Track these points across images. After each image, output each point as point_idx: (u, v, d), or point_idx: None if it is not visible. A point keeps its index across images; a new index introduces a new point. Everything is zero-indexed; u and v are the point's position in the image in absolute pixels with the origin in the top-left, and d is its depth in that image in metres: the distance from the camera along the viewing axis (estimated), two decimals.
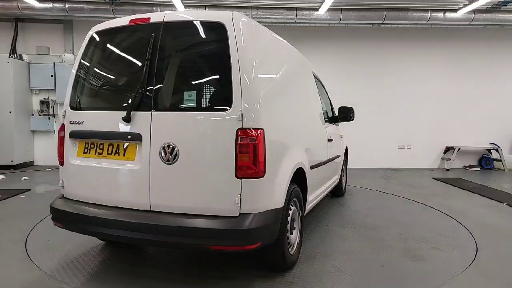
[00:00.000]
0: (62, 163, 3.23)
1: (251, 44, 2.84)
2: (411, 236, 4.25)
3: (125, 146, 2.92)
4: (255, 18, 8.50)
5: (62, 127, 3.25)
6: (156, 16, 2.97)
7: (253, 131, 2.63)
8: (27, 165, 9.30)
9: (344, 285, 3.02)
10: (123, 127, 2.88)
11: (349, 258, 3.58)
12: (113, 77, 3.24)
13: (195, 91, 2.86)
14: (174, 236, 2.66)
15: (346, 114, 5.22)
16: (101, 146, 3.02)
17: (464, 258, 3.61)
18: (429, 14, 8.55)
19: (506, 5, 8.30)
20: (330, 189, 5.19)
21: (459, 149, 9.59)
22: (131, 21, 3.08)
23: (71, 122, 3.17)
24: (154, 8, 8.37)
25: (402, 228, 4.56)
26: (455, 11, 8.53)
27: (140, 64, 2.96)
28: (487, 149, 9.89)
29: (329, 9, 8.30)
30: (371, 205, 5.77)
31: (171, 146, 2.71)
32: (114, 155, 2.95)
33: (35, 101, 9.55)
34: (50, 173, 8.52)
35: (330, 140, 4.81)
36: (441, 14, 8.60)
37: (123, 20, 3.15)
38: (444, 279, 3.15)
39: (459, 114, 9.89)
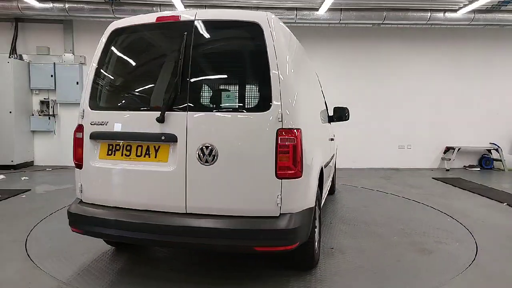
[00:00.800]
0: (80, 166, 3.03)
1: (285, 44, 2.83)
2: (412, 231, 4.37)
3: (156, 147, 2.81)
4: None
5: (80, 128, 3.03)
6: (186, 15, 2.89)
7: (292, 131, 2.64)
8: (27, 165, 9.30)
9: (370, 281, 3.14)
10: (156, 128, 2.75)
11: (364, 254, 3.69)
12: (140, 77, 3.13)
13: (234, 92, 2.90)
14: (217, 238, 2.63)
15: (341, 113, 5.21)
16: (129, 148, 2.87)
17: (466, 255, 3.62)
18: (429, 14, 8.54)
19: (506, 5, 8.29)
20: (329, 187, 5.26)
21: (459, 149, 9.59)
22: (158, 18, 2.93)
23: (93, 123, 2.96)
24: (154, 8, 8.37)
25: (402, 224, 4.64)
26: (455, 11, 8.52)
27: (172, 63, 2.88)
28: (487, 149, 9.89)
29: (329, 9, 8.30)
30: (372, 204, 5.78)
31: (209, 147, 2.67)
32: (144, 156, 2.82)
33: (35, 101, 9.54)
34: (50, 173, 8.52)
35: (331, 139, 4.85)
36: (441, 14, 8.60)
37: (147, 17, 3.03)
38: (456, 269, 3.37)
39: (459, 114, 9.88)
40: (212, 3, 8.35)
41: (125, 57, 3.17)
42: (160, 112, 2.73)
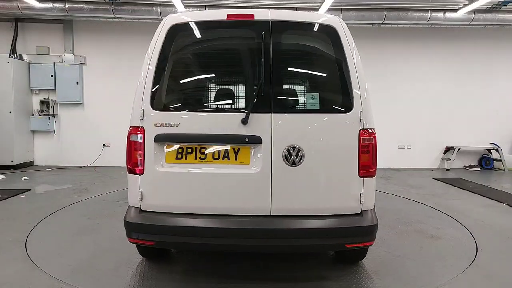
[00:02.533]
0: (141, 172, 2.77)
1: (355, 46, 2.88)
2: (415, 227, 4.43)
3: (236, 149, 2.72)
4: None
5: (139, 130, 2.77)
6: (261, 14, 2.82)
7: (370, 131, 2.78)
8: (27, 165, 9.29)
9: (416, 267, 3.45)
10: (238, 130, 2.67)
11: (389, 244, 3.94)
12: (214, 76, 3.02)
13: (316, 93, 2.88)
14: (308, 238, 2.67)
15: None
16: (203, 150, 2.74)
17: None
18: (429, 14, 8.54)
19: (506, 5, 8.28)
20: None
21: (459, 149, 9.58)
22: (229, 16, 2.83)
23: (158, 125, 2.74)
24: (154, 8, 8.37)
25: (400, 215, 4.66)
26: (455, 11, 8.52)
27: (250, 63, 2.84)
28: (487, 149, 9.88)
29: (329, 9, 8.29)
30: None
31: (296, 148, 2.68)
32: (223, 159, 2.72)
33: (35, 101, 9.53)
34: (50, 173, 8.52)
35: None
36: (441, 14, 8.59)
37: (216, 14, 2.92)
38: (468, 252, 3.77)
39: (459, 114, 9.88)
40: (212, 3, 8.35)
41: (192, 55, 3.01)
42: (245, 114, 2.67)
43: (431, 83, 9.84)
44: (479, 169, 9.83)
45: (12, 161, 8.78)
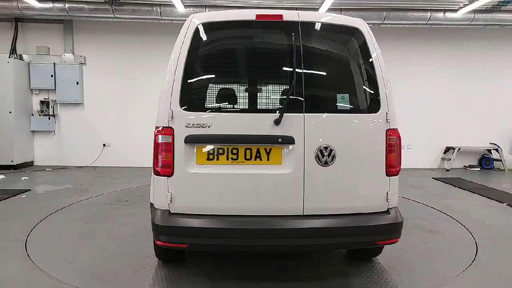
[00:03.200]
0: (170, 173, 2.71)
1: (379, 48, 2.95)
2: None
3: (268, 150, 2.73)
4: None
5: (168, 131, 2.71)
6: (289, 15, 2.85)
7: (396, 131, 2.89)
8: (27, 165, 9.29)
9: (426, 260, 3.61)
10: (271, 130, 2.69)
11: None
12: (244, 76, 3.01)
13: (347, 94, 2.91)
14: (341, 237, 2.73)
15: None
16: (235, 151, 2.72)
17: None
18: (429, 14, 8.54)
19: (506, 5, 8.28)
20: None
21: (459, 149, 9.58)
22: (258, 16, 2.83)
23: (189, 125, 2.70)
24: (154, 8, 8.37)
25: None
26: (455, 11, 8.52)
27: (280, 63, 2.87)
28: (487, 149, 9.88)
29: (329, 9, 8.29)
30: None
31: (328, 148, 2.72)
32: (255, 160, 2.73)
33: (35, 101, 9.53)
34: (50, 173, 8.52)
35: None
36: (441, 14, 8.59)
37: (244, 14, 2.91)
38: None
39: (459, 114, 9.87)
40: (212, 3, 8.35)
41: (221, 55, 2.99)
42: (278, 114, 2.68)
43: (431, 83, 9.84)
44: (479, 169, 9.83)
45: (12, 161, 8.78)
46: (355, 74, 2.99)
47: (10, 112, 8.75)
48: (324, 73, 2.98)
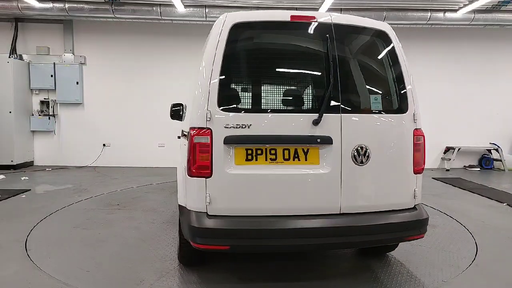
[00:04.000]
0: (208, 175, 2.67)
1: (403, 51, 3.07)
2: None
3: (305, 150, 2.76)
4: None
5: (205, 132, 2.67)
6: (322, 16, 2.90)
7: (421, 131, 3.02)
8: (27, 165, 9.29)
9: (435, 251, 3.81)
10: (309, 130, 2.73)
11: None
12: (281, 76, 3.00)
13: (379, 95, 3.02)
14: (376, 234, 2.80)
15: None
16: (273, 152, 2.73)
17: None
18: (429, 14, 8.54)
19: (506, 5, 8.29)
20: None
21: (459, 149, 9.58)
22: (292, 17, 2.85)
23: (228, 126, 2.67)
24: (154, 8, 8.37)
25: None
26: (455, 11, 8.52)
27: (316, 64, 2.92)
28: (487, 149, 9.89)
29: (329, 9, 8.29)
30: None
31: (364, 148, 2.79)
32: (294, 160, 2.75)
33: (35, 101, 9.53)
34: (50, 173, 8.52)
35: None
36: (441, 14, 8.59)
37: (279, 14, 2.91)
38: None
39: (459, 114, 9.87)
40: (212, 3, 8.35)
41: (258, 55, 2.97)
42: (317, 114, 2.72)
43: (431, 83, 9.83)
44: (479, 169, 9.83)
45: (12, 161, 8.78)
46: (384, 76, 3.08)
47: (10, 112, 8.75)
48: (357, 74, 3.04)
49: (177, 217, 4.75)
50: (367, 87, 3.07)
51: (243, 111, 2.78)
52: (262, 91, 2.97)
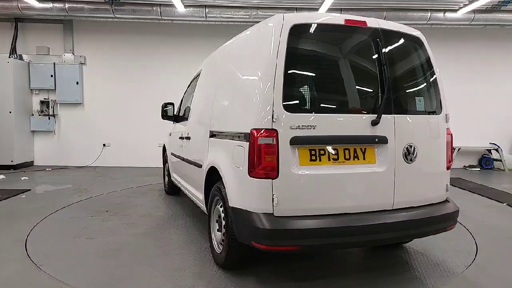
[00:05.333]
0: (274, 176, 2.67)
1: None
2: None
3: (363, 149, 2.89)
4: (255, 18, 8.49)
5: (271, 133, 2.67)
6: (371, 22, 3.04)
7: (450, 130, 3.30)
8: (27, 165, 9.30)
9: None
10: (368, 130, 2.87)
11: None
12: (340, 77, 3.05)
13: (422, 97, 3.23)
14: (424, 227, 3.00)
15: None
16: (335, 152, 2.82)
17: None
18: (429, 14, 8.54)
19: (506, 5, 8.29)
20: None
21: (459, 149, 9.58)
22: (346, 21, 2.96)
23: (294, 127, 2.70)
24: (154, 8, 8.37)
25: None
26: (455, 11, 8.52)
27: (369, 67, 3.04)
28: (487, 149, 9.89)
29: (329, 9, 8.29)
30: None
31: (412, 147, 3.00)
32: (354, 159, 2.86)
33: (35, 101, 9.54)
34: (50, 173, 8.52)
35: None
36: (441, 14, 8.60)
37: (334, 18, 3.02)
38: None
39: (459, 114, 9.80)
40: (212, 3, 8.35)
41: (318, 56, 3.03)
42: (376, 115, 2.88)
43: None
44: (479, 169, 9.83)
45: (12, 161, 8.79)
46: (423, 78, 3.28)
47: (10, 112, 8.76)
48: (403, 77, 3.20)
49: (184, 220, 4.75)
50: (412, 89, 3.25)
51: (308, 112, 2.82)
52: (325, 92, 3.04)
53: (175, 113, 5.52)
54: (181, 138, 4.84)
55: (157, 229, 4.44)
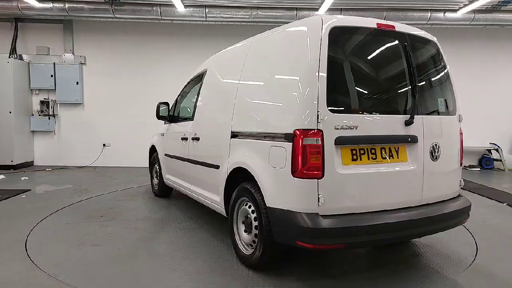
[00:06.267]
0: (319, 176, 2.71)
1: None
2: None
3: (396, 148, 3.04)
4: (255, 18, 8.49)
5: (316, 134, 2.71)
6: (398, 26, 3.20)
7: (461, 130, 3.48)
8: (27, 165, 9.30)
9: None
10: (403, 130, 3.03)
11: None
12: (380, 80, 3.17)
13: (442, 98, 3.41)
14: (448, 220, 3.18)
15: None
16: (373, 151, 2.94)
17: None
18: (429, 14, 8.54)
19: (506, 5, 8.29)
20: None
21: None
22: (378, 24, 3.08)
23: (338, 127, 2.77)
24: (154, 8, 8.37)
25: None
26: (455, 11, 8.52)
27: (399, 70, 3.16)
28: (487, 149, 9.89)
29: (329, 9, 8.30)
30: None
31: (437, 145, 3.19)
32: (389, 158, 3.00)
33: (35, 101, 9.55)
34: (50, 173, 8.52)
35: None
36: (441, 14, 8.60)
37: (367, 21, 3.11)
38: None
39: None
40: (212, 3, 8.35)
41: (357, 59, 3.10)
42: (409, 116, 3.03)
43: None
44: (479, 169, 9.83)
45: (12, 161, 8.79)
46: (441, 81, 3.46)
47: (10, 112, 8.76)
48: (427, 79, 3.36)
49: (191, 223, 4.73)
50: (434, 91, 3.40)
51: (350, 113, 2.88)
52: (364, 93, 3.10)
53: (170, 113, 5.45)
54: (184, 138, 4.75)
55: (163, 233, 4.34)
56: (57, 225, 4.56)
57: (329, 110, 2.74)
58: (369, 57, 3.16)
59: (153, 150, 6.25)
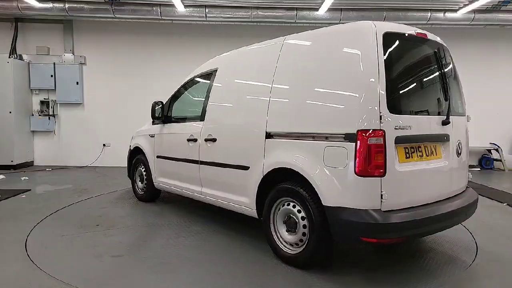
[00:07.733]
0: (382, 174, 2.86)
1: None
2: None
3: (434, 146, 3.33)
4: (255, 18, 8.49)
5: (379, 134, 2.85)
6: (429, 34, 3.49)
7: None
8: (27, 165, 9.30)
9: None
10: (442, 130, 3.34)
11: None
12: (424, 83, 3.45)
13: (461, 100, 3.77)
14: (469, 210, 3.47)
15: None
16: (420, 149, 3.21)
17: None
18: (429, 14, 8.54)
19: (506, 5, 8.29)
20: None
21: None
22: (417, 33, 3.38)
23: (397, 128, 2.95)
24: (154, 8, 8.37)
25: None
26: (455, 11, 8.52)
27: (438, 74, 3.45)
28: (487, 149, 9.88)
29: (329, 9, 8.29)
30: None
31: (460, 143, 3.57)
32: (431, 155, 3.28)
33: (35, 101, 9.54)
34: (50, 173, 8.52)
35: None
36: (441, 14, 8.60)
37: (406, 28, 3.33)
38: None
39: None
40: (212, 3, 8.35)
41: (406, 63, 3.33)
42: (445, 116, 3.34)
43: None
44: (479, 169, 9.83)
45: (12, 161, 8.79)
46: (457, 83, 3.76)
47: (10, 112, 8.76)
48: (451, 82, 3.60)
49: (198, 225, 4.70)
50: (455, 93, 3.65)
51: (406, 114, 3.09)
52: (415, 95, 3.36)
53: (164, 113, 5.22)
54: (191, 140, 4.51)
55: (181, 238, 4.09)
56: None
57: (389, 111, 2.92)
58: (412, 62, 3.40)
59: (136, 151, 5.94)
